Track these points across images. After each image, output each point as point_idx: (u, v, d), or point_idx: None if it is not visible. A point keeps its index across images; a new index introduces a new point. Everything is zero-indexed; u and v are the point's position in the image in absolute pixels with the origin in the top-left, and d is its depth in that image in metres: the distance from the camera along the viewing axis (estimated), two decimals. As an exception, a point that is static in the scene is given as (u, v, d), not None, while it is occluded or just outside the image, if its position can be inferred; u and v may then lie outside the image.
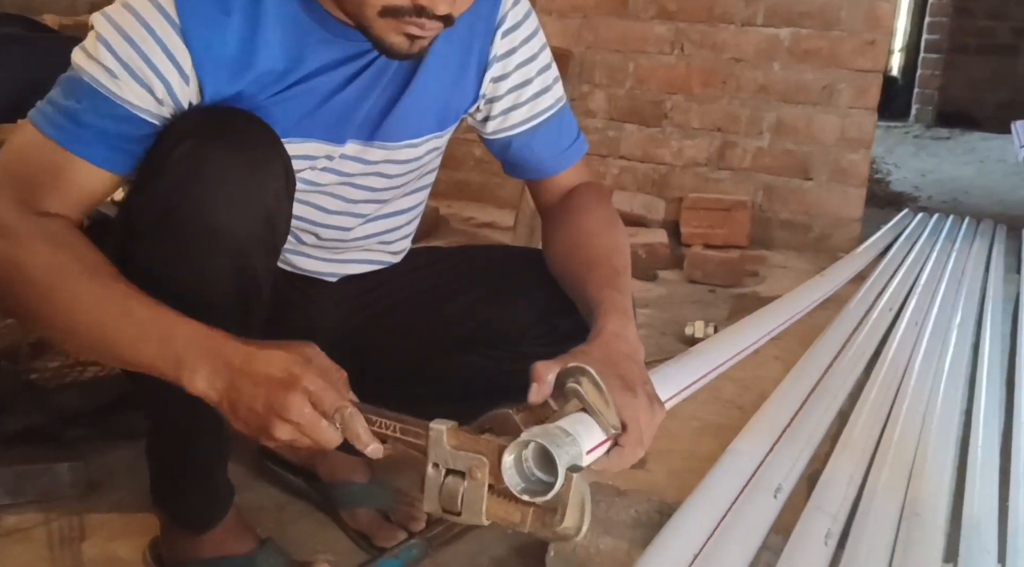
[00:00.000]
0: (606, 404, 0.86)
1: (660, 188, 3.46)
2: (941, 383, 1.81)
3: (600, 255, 1.08)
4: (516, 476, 0.80)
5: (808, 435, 1.46)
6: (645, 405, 0.90)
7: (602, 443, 0.88)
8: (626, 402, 0.87)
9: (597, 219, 1.14)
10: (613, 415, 0.86)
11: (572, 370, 0.86)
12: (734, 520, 1.18)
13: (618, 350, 0.93)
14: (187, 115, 0.98)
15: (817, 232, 3.37)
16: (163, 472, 1.15)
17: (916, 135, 7.28)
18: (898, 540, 1.18)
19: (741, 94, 3.36)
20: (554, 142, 1.19)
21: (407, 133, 1.13)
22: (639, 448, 0.89)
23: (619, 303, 1.01)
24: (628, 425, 0.88)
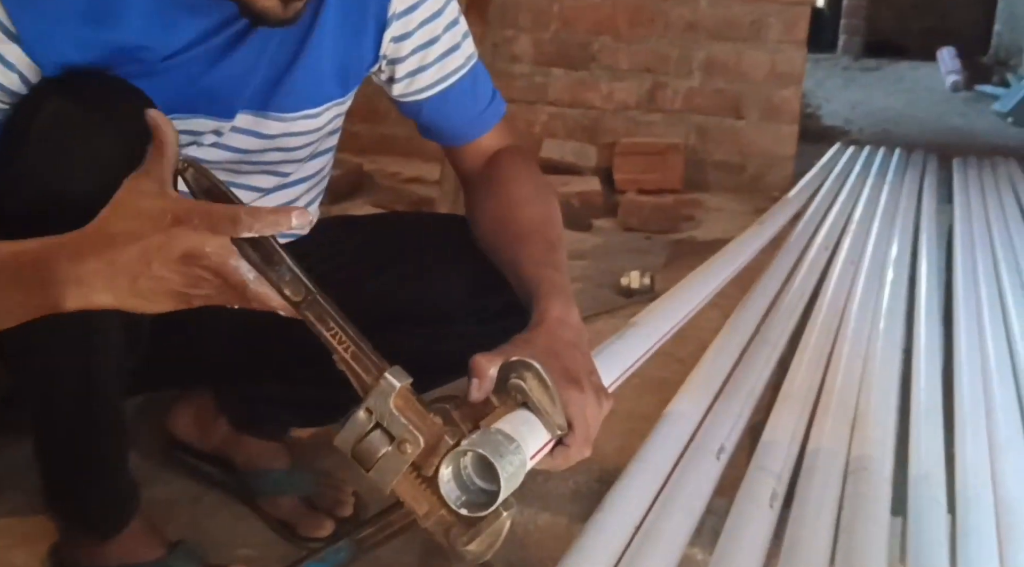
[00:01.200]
0: (552, 402, 0.81)
1: (591, 134, 3.38)
2: (880, 323, 1.79)
3: (532, 228, 1.01)
4: (455, 488, 0.75)
5: (749, 390, 1.42)
6: (592, 400, 0.84)
7: (547, 444, 0.83)
8: (572, 398, 0.82)
9: (525, 188, 1.06)
10: (559, 414, 0.81)
11: (515, 364, 0.80)
12: (677, 486, 1.13)
13: (562, 338, 0.87)
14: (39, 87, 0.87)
15: (751, 172, 3.33)
16: (55, 473, 1.05)
17: (845, 67, 7.29)
18: (845, 495, 1.15)
19: (669, 33, 3.28)
20: (469, 105, 1.10)
21: (304, 102, 1.04)
22: (586, 447, 0.85)
23: (559, 283, 0.94)
24: (575, 423, 0.82)
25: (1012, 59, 7.09)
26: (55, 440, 1.02)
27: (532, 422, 0.80)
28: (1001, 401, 1.43)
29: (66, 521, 1.08)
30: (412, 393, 0.76)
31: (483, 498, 0.75)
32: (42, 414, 1.01)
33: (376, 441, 0.75)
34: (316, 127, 1.07)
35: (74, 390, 0.97)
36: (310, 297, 0.77)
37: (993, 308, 1.92)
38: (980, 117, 5.47)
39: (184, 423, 1.31)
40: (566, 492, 1.18)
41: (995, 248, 2.44)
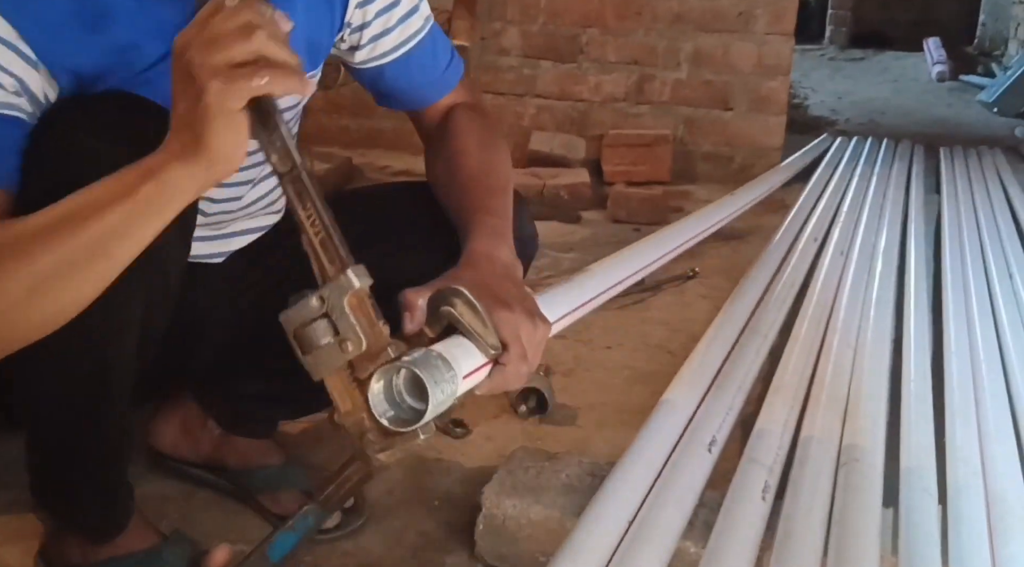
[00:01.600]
0: (483, 324, 0.82)
1: (580, 126, 3.37)
2: (870, 313, 1.79)
3: (472, 176, 1.03)
4: (383, 401, 0.76)
5: (740, 381, 1.42)
6: (524, 319, 0.85)
7: (483, 366, 0.84)
8: (504, 319, 0.83)
9: (469, 139, 1.08)
10: (491, 334, 0.82)
11: (443, 293, 0.82)
12: (669, 479, 1.13)
13: (491, 271, 0.89)
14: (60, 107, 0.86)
15: (739, 163, 3.33)
16: (55, 477, 1.04)
17: (831, 57, 7.29)
18: (837, 487, 1.15)
19: (657, 24, 3.27)
20: (430, 67, 1.11)
21: None
22: (522, 364, 0.85)
23: (489, 224, 0.96)
24: (508, 342, 0.83)
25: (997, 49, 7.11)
26: (60, 444, 1.00)
27: (465, 345, 0.82)
28: (990, 391, 1.43)
29: (63, 523, 1.07)
30: (369, 297, 0.76)
31: (408, 415, 0.76)
32: (48, 418, 0.99)
33: (320, 330, 0.75)
34: (297, 102, 1.08)
35: (88, 396, 0.96)
36: (295, 172, 0.77)
37: (981, 298, 1.93)
38: (966, 107, 5.49)
39: (170, 435, 1.29)
40: (558, 485, 1.17)
41: (982, 238, 2.45)
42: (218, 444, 1.27)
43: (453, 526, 1.25)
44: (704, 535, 1.06)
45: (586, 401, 1.65)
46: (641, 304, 2.18)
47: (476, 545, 1.17)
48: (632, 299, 2.19)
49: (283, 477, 1.27)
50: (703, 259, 2.49)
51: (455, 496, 1.32)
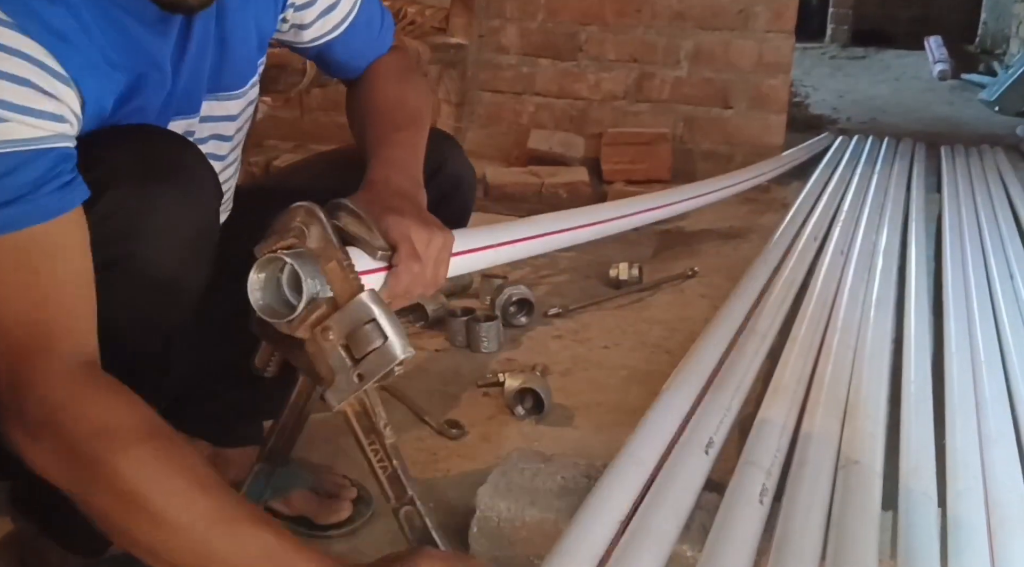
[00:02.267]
0: (368, 229, 0.85)
1: (579, 124, 3.36)
2: (870, 313, 1.77)
3: (379, 109, 1.05)
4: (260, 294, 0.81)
5: (738, 382, 1.40)
6: (415, 223, 0.86)
7: (375, 271, 0.85)
8: (391, 223, 0.85)
9: (383, 75, 1.10)
10: (378, 238, 0.84)
11: (329, 208, 0.85)
12: (665, 482, 1.11)
13: (385, 191, 0.91)
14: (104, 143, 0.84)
15: (739, 161, 3.31)
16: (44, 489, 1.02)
17: (832, 55, 7.28)
18: (836, 490, 1.13)
19: (657, 22, 3.26)
20: (369, 31, 1.12)
21: (248, 71, 1.04)
22: (415, 264, 0.85)
23: (392, 156, 0.97)
24: (399, 244, 0.84)
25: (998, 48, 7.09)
26: None
27: (354, 252, 0.84)
28: (990, 393, 1.42)
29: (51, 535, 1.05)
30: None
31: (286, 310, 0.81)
32: None
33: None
34: (255, 93, 1.09)
35: None
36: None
37: (982, 298, 1.92)
38: (967, 106, 5.47)
39: None
40: (553, 488, 1.16)
41: (983, 237, 2.43)
42: (213, 465, 1.24)
43: (448, 528, 1.22)
44: (701, 539, 1.04)
45: (583, 401, 1.64)
46: (639, 303, 2.17)
47: (470, 548, 1.16)
48: (630, 298, 2.19)
49: (289, 480, 1.25)
50: (702, 258, 2.48)
51: (450, 498, 1.31)
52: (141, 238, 0.84)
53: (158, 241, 0.85)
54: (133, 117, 0.89)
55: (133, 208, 0.83)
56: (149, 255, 0.85)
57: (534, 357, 1.80)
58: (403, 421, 1.53)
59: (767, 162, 3.07)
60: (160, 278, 0.86)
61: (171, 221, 0.85)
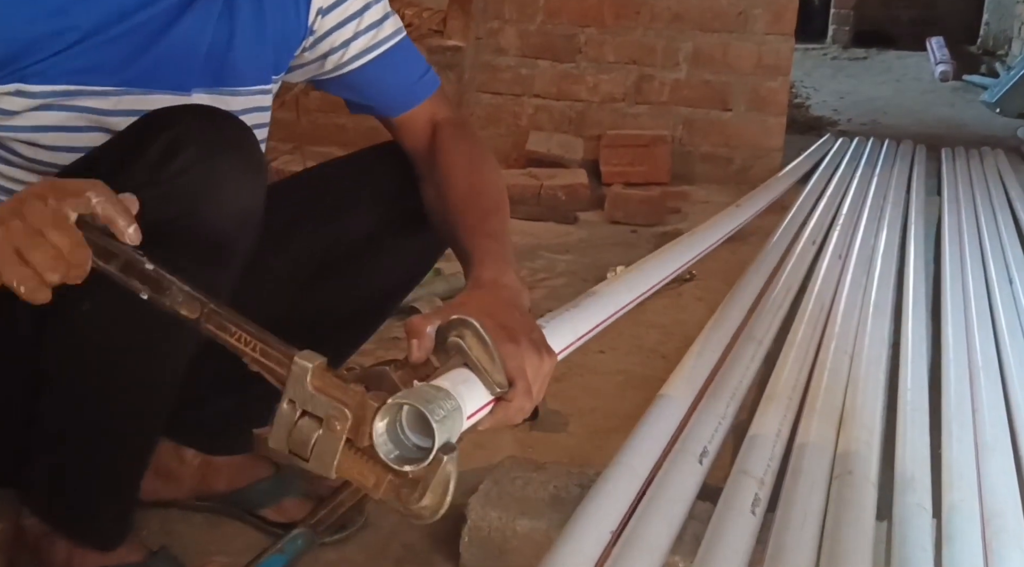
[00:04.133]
0: (491, 360, 0.80)
1: (578, 126, 3.35)
2: (868, 319, 1.76)
3: (463, 197, 1.02)
4: (389, 442, 0.73)
5: (733, 389, 1.40)
6: (532, 354, 0.83)
7: (487, 403, 0.81)
8: (510, 353, 0.81)
9: (458, 157, 1.06)
10: (499, 372, 0.80)
11: (453, 323, 0.80)
12: (657, 491, 1.10)
13: (498, 298, 0.88)
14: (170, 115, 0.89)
15: (738, 164, 3.31)
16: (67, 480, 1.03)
17: (834, 56, 7.27)
18: (830, 500, 1.12)
19: (656, 24, 3.25)
20: (404, 72, 1.10)
21: (255, 76, 1.03)
22: (527, 401, 0.83)
23: (492, 249, 0.94)
24: (515, 379, 0.82)
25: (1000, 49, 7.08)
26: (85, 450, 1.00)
27: (471, 380, 0.80)
28: (987, 400, 1.41)
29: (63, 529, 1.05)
30: (327, 369, 0.74)
31: (418, 454, 0.73)
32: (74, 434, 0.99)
33: (306, 428, 0.73)
34: (269, 103, 1.07)
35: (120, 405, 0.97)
36: (206, 310, 0.77)
37: (980, 303, 1.91)
38: (968, 107, 5.46)
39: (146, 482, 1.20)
40: (545, 497, 1.15)
41: (983, 241, 2.42)
42: (202, 474, 1.23)
43: (438, 537, 1.22)
44: (694, 549, 1.03)
45: (578, 407, 1.63)
46: (636, 307, 2.14)
47: (461, 557, 1.15)
48: (627, 302, 2.17)
49: (281, 487, 1.25)
50: (700, 261, 2.45)
51: (442, 505, 1.29)
52: (207, 199, 0.88)
53: (221, 205, 0.89)
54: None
55: (203, 170, 0.87)
56: (212, 217, 0.89)
57: (529, 362, 1.79)
58: (396, 427, 1.51)
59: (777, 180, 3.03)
60: (218, 239, 0.90)
61: (234, 189, 0.90)
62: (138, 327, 0.91)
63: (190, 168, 0.87)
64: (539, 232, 2.70)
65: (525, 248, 2.55)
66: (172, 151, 0.86)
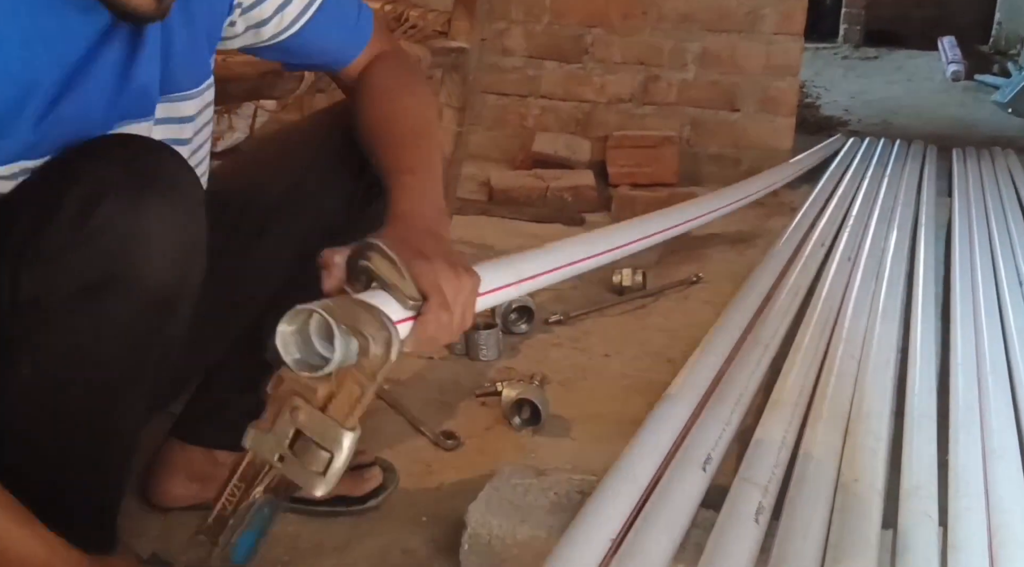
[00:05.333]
0: (401, 276, 0.81)
1: (584, 127, 3.33)
2: (876, 323, 1.74)
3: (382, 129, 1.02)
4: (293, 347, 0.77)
5: (738, 395, 1.38)
6: (444, 268, 0.83)
7: (405, 319, 0.82)
8: (422, 269, 0.82)
9: (381, 87, 1.06)
10: (409, 285, 0.81)
11: (360, 249, 0.81)
12: (659, 499, 1.09)
13: (412, 227, 0.88)
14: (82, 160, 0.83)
15: (747, 165, 3.28)
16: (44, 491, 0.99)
17: (845, 56, 7.22)
18: (835, 508, 1.11)
19: (663, 24, 3.23)
20: (340, 22, 1.07)
21: (202, 73, 1.00)
22: (443, 314, 0.83)
23: (407, 183, 0.95)
24: (428, 292, 0.82)
25: (1012, 49, 7.02)
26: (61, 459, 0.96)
27: (383, 298, 0.81)
28: (995, 406, 1.39)
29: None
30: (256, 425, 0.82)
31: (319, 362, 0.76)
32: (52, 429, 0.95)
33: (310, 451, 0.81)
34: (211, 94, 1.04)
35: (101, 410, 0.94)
36: None
37: (990, 307, 1.88)
38: (980, 107, 5.42)
39: (179, 488, 1.24)
40: (545, 504, 1.14)
41: (993, 243, 2.40)
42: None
43: (439, 544, 1.21)
44: (696, 558, 1.02)
45: (582, 412, 1.61)
46: (642, 310, 2.14)
47: (461, 564, 1.14)
48: (633, 304, 2.16)
49: None
50: (708, 263, 2.45)
51: (443, 512, 1.28)
52: (138, 252, 0.82)
53: (156, 256, 0.83)
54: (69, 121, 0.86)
55: (127, 223, 0.81)
56: (148, 270, 0.84)
57: (533, 366, 1.78)
58: (398, 431, 1.50)
59: (778, 169, 3.03)
60: (155, 296, 0.85)
61: (165, 235, 0.83)
62: None
63: (111, 222, 0.80)
64: (545, 234, 2.68)
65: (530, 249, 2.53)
66: (89, 205, 0.80)
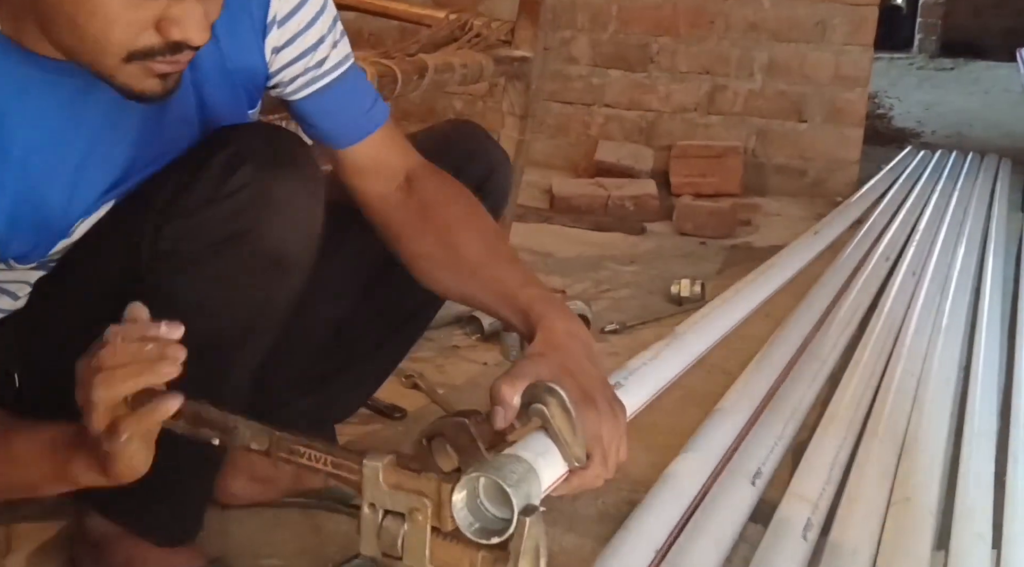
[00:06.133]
0: (572, 432, 0.80)
1: (648, 136, 3.33)
2: (939, 339, 1.72)
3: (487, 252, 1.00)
4: (468, 515, 0.73)
5: (792, 410, 1.37)
6: (609, 419, 0.83)
7: (562, 477, 0.81)
8: (590, 419, 0.82)
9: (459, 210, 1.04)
10: (579, 445, 0.80)
11: (538, 389, 0.80)
12: (706, 512, 1.09)
13: (574, 354, 0.87)
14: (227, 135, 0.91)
15: (813, 176, 3.25)
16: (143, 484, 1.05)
17: (920, 66, 7.09)
18: (886, 527, 1.09)
19: (731, 34, 3.22)
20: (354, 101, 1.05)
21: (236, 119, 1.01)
22: (603, 471, 0.84)
23: (549, 298, 0.94)
24: (593, 449, 0.82)
25: (1097, 59, 6.81)
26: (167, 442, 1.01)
27: (550, 451, 0.79)
28: (1060, 429, 1.36)
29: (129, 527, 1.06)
30: (396, 464, 0.75)
31: (501, 524, 0.72)
32: None
33: (391, 527, 0.74)
34: None
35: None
36: (274, 438, 0.79)
37: (1060, 326, 1.84)
38: (1060, 121, 5.28)
39: (241, 487, 1.26)
40: (593, 514, 1.14)
41: (1067, 261, 2.34)
42: (296, 474, 1.25)
43: (486, 549, 1.22)
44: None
45: (635, 422, 1.58)
46: (701, 321, 2.13)
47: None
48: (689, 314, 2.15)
49: None
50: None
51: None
52: (266, 214, 0.90)
53: (278, 219, 0.91)
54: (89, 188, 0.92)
55: (261, 186, 0.89)
56: (271, 231, 0.91)
57: (588, 374, 1.78)
58: (451, 436, 1.52)
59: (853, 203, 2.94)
60: (277, 254, 0.92)
61: (292, 204, 0.91)
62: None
63: (248, 183, 0.89)
64: (605, 242, 2.69)
65: (590, 258, 2.54)
66: (231, 168, 0.89)
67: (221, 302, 0.93)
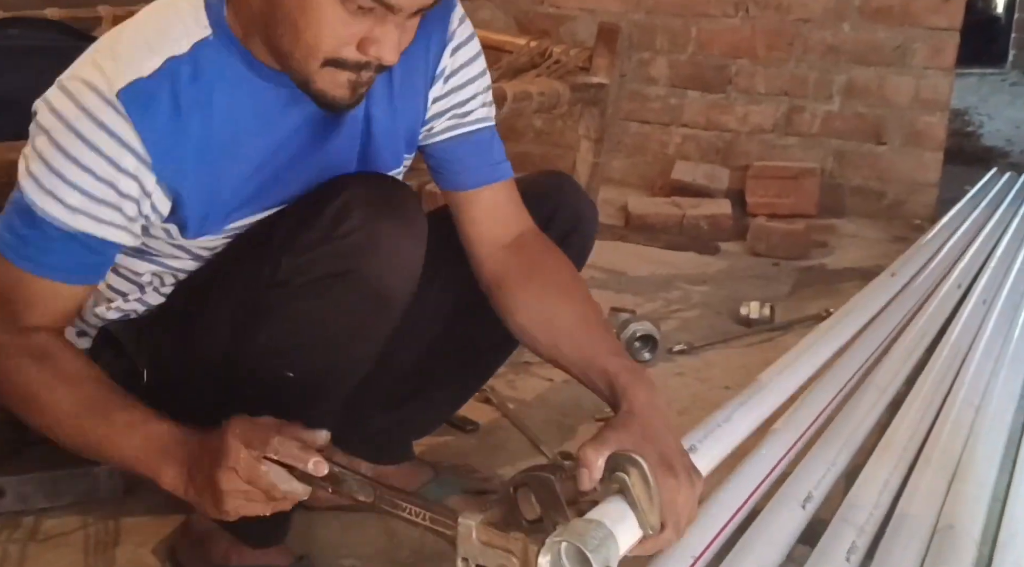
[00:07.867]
0: (650, 501, 0.87)
1: (725, 156, 3.37)
2: (1002, 371, 1.73)
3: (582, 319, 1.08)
4: None
5: (847, 437, 1.41)
6: (685, 487, 0.91)
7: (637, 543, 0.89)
8: (667, 487, 0.89)
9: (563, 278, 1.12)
10: (655, 514, 0.87)
11: (622, 459, 0.87)
12: (755, 534, 1.14)
13: (654, 424, 0.95)
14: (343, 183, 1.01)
15: (891, 199, 3.24)
16: None
17: (1013, 82, 6.89)
18: (928, 554, 1.14)
19: (809, 56, 3.23)
20: (486, 152, 1.14)
21: (391, 162, 1.11)
22: (675, 538, 0.91)
23: (634, 369, 1.02)
24: (667, 517, 0.89)
25: None
26: None
27: (629, 518, 0.86)
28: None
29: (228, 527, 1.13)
30: (488, 524, 0.83)
31: None
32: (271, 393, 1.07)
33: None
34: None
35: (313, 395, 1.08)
36: (378, 492, 0.88)
37: None
38: None
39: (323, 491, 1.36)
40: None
41: None
42: None
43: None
44: (788, 592, 1.07)
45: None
46: (769, 343, 2.16)
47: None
48: (760, 338, 2.18)
49: (445, 487, 1.37)
50: (839, 298, 2.43)
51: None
52: (370, 256, 0.99)
53: (382, 261, 1.00)
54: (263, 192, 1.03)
55: (370, 230, 0.98)
56: (375, 271, 1.00)
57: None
58: (519, 449, 1.60)
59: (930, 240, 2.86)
60: (379, 292, 1.02)
61: (396, 248, 1.01)
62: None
63: (357, 229, 0.98)
64: (678, 261, 2.74)
65: (662, 278, 2.59)
66: (343, 215, 0.98)
67: (325, 332, 1.02)
